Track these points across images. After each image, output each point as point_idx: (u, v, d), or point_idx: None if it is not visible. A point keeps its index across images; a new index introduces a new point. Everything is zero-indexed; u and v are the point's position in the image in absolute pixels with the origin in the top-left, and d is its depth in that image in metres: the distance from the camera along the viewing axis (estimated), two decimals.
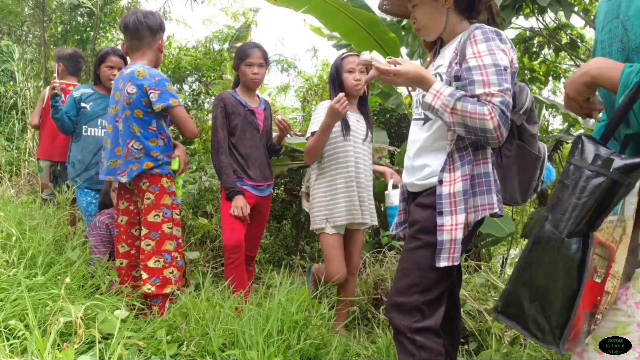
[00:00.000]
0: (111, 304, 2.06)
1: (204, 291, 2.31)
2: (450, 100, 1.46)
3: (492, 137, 1.47)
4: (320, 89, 6.77)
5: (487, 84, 1.47)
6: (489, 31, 1.55)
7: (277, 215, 5.03)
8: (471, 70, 1.51)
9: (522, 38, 5.67)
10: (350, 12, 3.90)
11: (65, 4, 6.60)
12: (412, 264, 1.60)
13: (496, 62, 1.49)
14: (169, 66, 6.72)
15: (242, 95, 2.90)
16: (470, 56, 1.53)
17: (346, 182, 2.62)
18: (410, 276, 1.58)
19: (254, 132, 2.88)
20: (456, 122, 1.48)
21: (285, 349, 1.93)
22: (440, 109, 1.48)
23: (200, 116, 6.02)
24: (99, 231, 3.00)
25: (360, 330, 2.71)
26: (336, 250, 2.62)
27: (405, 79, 1.54)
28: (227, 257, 2.74)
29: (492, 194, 1.56)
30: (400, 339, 1.57)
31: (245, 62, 2.84)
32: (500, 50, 1.52)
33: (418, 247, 1.60)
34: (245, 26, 6.88)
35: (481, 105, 1.45)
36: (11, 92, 6.22)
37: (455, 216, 1.53)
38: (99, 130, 3.24)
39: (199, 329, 1.98)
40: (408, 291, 1.57)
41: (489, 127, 1.44)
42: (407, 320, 1.54)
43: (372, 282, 3.08)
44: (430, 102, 1.50)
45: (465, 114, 1.45)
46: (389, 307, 1.62)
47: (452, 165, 1.57)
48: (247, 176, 2.83)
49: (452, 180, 1.55)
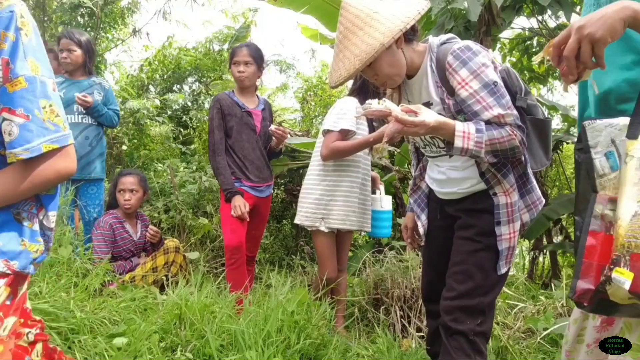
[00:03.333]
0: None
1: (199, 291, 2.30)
2: (482, 136, 1.45)
3: (519, 152, 1.51)
4: (320, 89, 6.77)
5: (489, 107, 1.46)
6: (459, 51, 1.48)
7: (277, 215, 5.03)
8: (466, 102, 1.49)
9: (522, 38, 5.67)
10: None
11: (65, 4, 6.60)
12: (474, 266, 1.59)
13: (485, 83, 1.46)
14: (169, 66, 6.73)
15: (239, 96, 2.89)
16: (458, 87, 1.49)
17: (350, 187, 2.61)
18: (474, 279, 1.58)
19: (250, 133, 2.86)
20: (487, 152, 1.48)
21: (284, 349, 1.92)
22: (476, 147, 1.45)
23: (200, 116, 6.02)
24: (103, 231, 2.99)
25: (360, 330, 2.71)
26: (329, 249, 2.63)
27: (427, 129, 1.41)
28: (229, 257, 2.74)
29: (536, 189, 1.64)
30: (459, 340, 1.57)
31: (232, 62, 2.84)
32: (480, 66, 1.47)
33: (480, 249, 1.60)
34: (244, 27, 6.88)
35: (502, 128, 1.46)
36: None
37: (513, 224, 1.58)
38: (75, 117, 3.18)
39: (194, 332, 1.96)
40: (472, 293, 1.57)
41: (516, 144, 1.48)
42: (471, 323, 1.56)
43: (372, 282, 3.08)
44: (462, 145, 1.44)
45: (494, 142, 1.46)
46: (451, 310, 1.59)
47: (496, 177, 1.58)
48: (245, 177, 2.83)
49: (505, 191, 1.58)
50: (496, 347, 2.30)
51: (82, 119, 3.20)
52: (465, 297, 1.58)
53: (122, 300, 2.28)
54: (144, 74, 6.77)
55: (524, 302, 2.70)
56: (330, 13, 3.98)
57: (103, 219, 3.04)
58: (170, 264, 3.06)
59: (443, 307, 1.63)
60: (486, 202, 1.60)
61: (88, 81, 3.28)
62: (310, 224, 2.64)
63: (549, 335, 2.25)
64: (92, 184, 3.31)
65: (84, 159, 3.19)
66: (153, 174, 4.93)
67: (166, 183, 4.57)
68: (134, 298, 2.36)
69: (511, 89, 1.56)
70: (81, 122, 3.20)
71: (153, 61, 6.77)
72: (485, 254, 1.59)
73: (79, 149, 3.16)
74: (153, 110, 5.57)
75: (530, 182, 1.63)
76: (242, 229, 2.76)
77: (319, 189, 2.64)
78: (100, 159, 3.34)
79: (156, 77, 6.76)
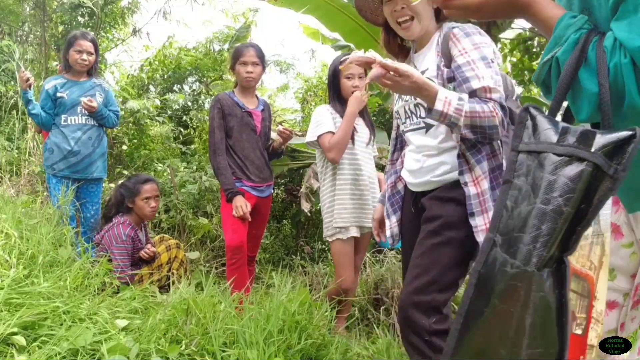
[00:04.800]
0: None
1: (207, 288, 2.31)
2: (462, 104, 1.44)
3: (496, 133, 1.48)
4: (320, 89, 6.77)
5: (481, 77, 1.47)
6: (467, 27, 1.56)
7: (277, 215, 5.03)
8: (461, 68, 1.51)
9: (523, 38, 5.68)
10: (351, 12, 3.91)
11: (65, 3, 6.61)
12: (432, 261, 1.53)
13: (483, 55, 1.50)
14: (170, 66, 6.73)
15: (240, 96, 2.89)
16: (457, 54, 1.53)
17: (352, 186, 2.60)
18: (430, 274, 1.51)
19: (250, 133, 2.87)
20: (466, 125, 1.46)
21: (285, 348, 1.93)
22: (455, 114, 1.43)
23: (200, 116, 6.02)
24: (125, 245, 2.90)
25: (360, 331, 2.71)
26: (346, 256, 2.58)
27: (410, 82, 1.41)
28: (230, 257, 2.74)
29: None
30: (414, 341, 1.51)
31: (239, 62, 2.83)
32: (483, 43, 1.53)
33: (440, 243, 1.54)
34: (245, 26, 6.88)
35: (485, 103, 1.45)
36: (12, 92, 6.22)
37: (487, 214, 1.52)
38: (79, 118, 3.20)
39: (199, 328, 1.97)
40: (426, 289, 1.50)
41: (496, 122, 1.45)
42: (424, 320, 1.48)
43: (372, 282, 3.08)
44: (442, 109, 1.43)
45: (474, 114, 1.44)
46: (405, 306, 1.53)
47: (468, 164, 1.56)
48: (246, 177, 2.83)
49: (474, 179, 1.54)
50: None
51: (85, 120, 3.23)
52: (419, 293, 1.50)
53: (122, 300, 2.28)
54: (144, 74, 6.78)
55: None
56: (331, 13, 3.98)
57: (122, 231, 2.92)
58: (172, 260, 3.08)
59: (399, 304, 1.57)
60: (455, 192, 1.56)
61: (90, 82, 3.29)
62: (327, 233, 2.63)
63: None
64: (93, 183, 3.32)
65: (87, 159, 3.22)
66: (153, 174, 4.94)
67: (166, 183, 4.57)
68: (134, 297, 2.36)
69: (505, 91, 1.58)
70: (85, 123, 3.22)
71: (153, 61, 6.78)
72: (446, 249, 1.53)
73: (83, 149, 3.19)
74: (153, 110, 5.58)
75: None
76: (244, 229, 2.76)
77: (328, 197, 2.64)
78: (102, 158, 3.35)
79: (156, 77, 6.77)
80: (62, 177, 3.18)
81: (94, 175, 3.29)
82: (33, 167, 5.39)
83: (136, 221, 3.10)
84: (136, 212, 3.09)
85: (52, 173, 3.19)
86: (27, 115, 5.99)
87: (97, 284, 2.37)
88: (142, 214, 3.09)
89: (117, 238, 2.91)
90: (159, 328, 1.93)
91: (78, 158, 3.18)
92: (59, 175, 3.18)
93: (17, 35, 7.65)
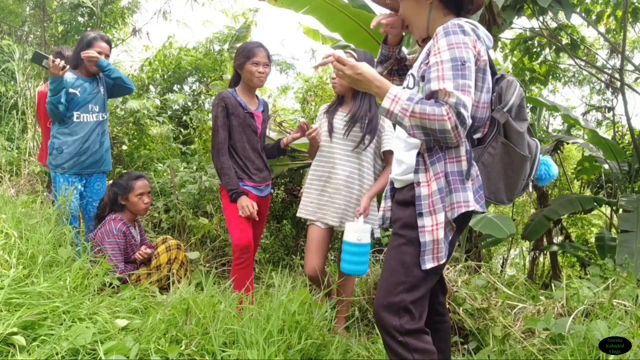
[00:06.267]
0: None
1: (207, 288, 2.31)
2: (409, 104, 1.43)
3: (450, 137, 1.43)
4: (320, 89, 6.76)
5: (442, 78, 1.43)
6: (450, 25, 1.50)
7: (277, 215, 5.04)
8: (430, 68, 1.49)
9: (523, 38, 5.68)
10: (351, 12, 3.91)
11: (65, 3, 6.61)
12: (396, 262, 1.56)
13: (453, 57, 1.44)
14: (170, 66, 6.73)
15: (242, 96, 2.88)
16: (432, 53, 1.50)
17: (320, 181, 2.72)
18: (396, 275, 1.54)
19: (251, 134, 2.87)
20: (415, 125, 1.45)
21: (285, 349, 1.93)
22: (400, 113, 1.45)
23: (200, 116, 6.02)
24: (117, 240, 2.93)
25: (360, 331, 2.71)
26: (314, 245, 2.68)
27: (355, 73, 1.51)
28: (238, 257, 2.71)
29: (467, 192, 1.49)
30: (389, 343, 1.52)
31: (251, 62, 2.80)
32: (460, 44, 1.46)
33: (402, 244, 1.57)
34: (245, 26, 6.88)
35: (439, 107, 1.41)
36: (11, 92, 6.21)
37: (435, 216, 1.51)
38: (90, 116, 3.20)
39: (199, 328, 1.97)
40: (394, 290, 1.52)
41: (447, 127, 1.40)
42: (395, 321, 1.50)
43: (372, 282, 3.08)
44: (389, 107, 1.47)
45: (424, 116, 1.42)
46: (376, 308, 1.56)
47: (425, 165, 1.56)
48: (247, 177, 2.83)
49: (427, 180, 1.54)
50: (497, 347, 2.30)
51: (95, 117, 3.23)
52: (387, 295, 1.53)
53: (122, 299, 2.28)
54: (144, 74, 6.77)
55: (524, 302, 2.70)
56: (331, 13, 3.98)
57: (113, 226, 2.95)
58: (172, 261, 3.07)
59: (373, 307, 1.59)
60: (410, 194, 1.58)
61: (96, 79, 3.33)
62: (299, 215, 2.81)
63: (549, 335, 2.25)
64: (99, 179, 3.33)
65: (96, 154, 3.23)
66: (153, 174, 4.93)
67: (166, 183, 4.57)
68: (134, 297, 2.36)
69: (500, 99, 1.56)
70: (95, 119, 3.23)
71: (153, 61, 6.77)
72: (408, 249, 1.54)
73: (92, 145, 3.20)
74: (153, 110, 5.57)
75: (461, 182, 1.50)
76: (250, 228, 2.77)
77: (306, 184, 2.84)
78: (108, 152, 3.38)
79: (156, 77, 6.76)
80: (70, 175, 3.18)
81: (102, 169, 3.32)
82: (33, 167, 5.39)
83: (129, 218, 3.11)
84: (129, 209, 3.11)
85: (60, 173, 3.17)
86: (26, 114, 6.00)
87: (97, 284, 2.37)
88: (136, 210, 3.11)
89: (108, 234, 2.94)
90: (158, 328, 1.94)
91: (88, 154, 3.18)
92: (67, 174, 3.18)
93: (17, 35, 7.66)
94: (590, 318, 2.28)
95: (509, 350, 2.25)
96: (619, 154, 5.49)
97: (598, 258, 4.96)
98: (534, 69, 6.03)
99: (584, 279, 3.01)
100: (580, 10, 5.26)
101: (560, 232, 6.55)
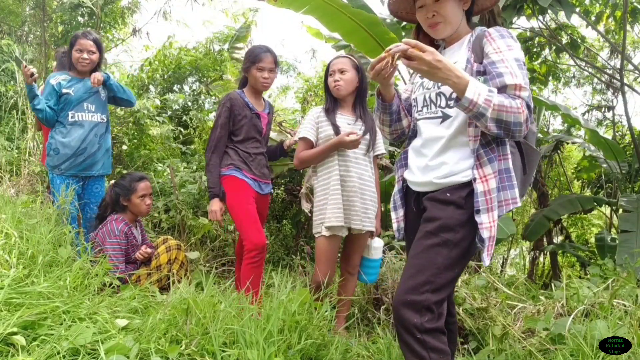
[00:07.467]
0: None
1: (207, 288, 2.31)
2: (492, 96, 1.46)
3: (521, 131, 1.49)
4: (320, 89, 6.77)
5: (514, 75, 1.50)
6: (501, 29, 1.61)
7: (277, 215, 5.04)
8: (495, 64, 1.54)
9: (523, 38, 5.68)
10: (351, 12, 3.91)
11: (65, 3, 6.61)
12: (427, 261, 1.54)
13: (517, 57, 1.54)
14: (170, 66, 6.73)
15: (250, 98, 2.92)
16: (492, 52, 1.57)
17: (336, 185, 2.62)
18: (423, 274, 1.53)
19: (257, 135, 2.92)
20: (494, 118, 1.47)
21: (285, 348, 1.93)
22: (484, 104, 1.45)
23: (200, 116, 6.02)
24: (119, 240, 2.94)
25: (361, 331, 2.71)
26: (325, 253, 2.62)
27: (435, 59, 1.43)
28: (253, 256, 2.70)
29: (514, 189, 1.59)
30: (407, 340, 1.51)
31: (257, 67, 2.83)
32: (516, 46, 1.57)
33: (436, 244, 1.55)
34: (245, 26, 6.89)
35: (514, 99, 1.48)
36: (11, 92, 6.22)
37: (492, 213, 1.54)
38: (86, 115, 3.18)
39: (199, 328, 1.97)
40: (420, 289, 1.51)
41: (521, 120, 1.47)
42: (417, 319, 1.49)
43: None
44: (472, 97, 1.45)
45: (502, 108, 1.46)
46: (398, 305, 1.53)
47: (479, 161, 1.58)
48: (247, 168, 2.86)
49: (483, 176, 1.56)
50: (496, 347, 2.30)
51: (92, 117, 3.22)
52: (412, 293, 1.51)
53: (122, 299, 2.28)
54: (144, 74, 6.77)
55: (524, 302, 2.70)
56: (331, 13, 3.98)
57: (115, 227, 2.95)
58: (172, 261, 3.07)
59: (392, 303, 1.59)
60: (456, 195, 1.58)
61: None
62: (315, 230, 2.68)
63: (549, 335, 2.25)
64: (97, 182, 3.32)
65: (93, 156, 3.21)
66: (153, 174, 4.93)
67: (166, 183, 4.57)
68: (134, 297, 2.36)
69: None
70: (91, 120, 3.21)
71: (153, 61, 6.78)
72: (442, 250, 1.54)
73: (89, 147, 3.18)
74: (153, 110, 5.58)
75: (509, 180, 1.59)
76: (262, 226, 2.80)
77: (317, 194, 2.71)
78: (107, 154, 3.35)
79: (156, 77, 6.76)
80: (68, 176, 3.16)
81: (99, 172, 3.29)
82: (33, 167, 5.39)
83: (131, 219, 3.11)
84: (131, 210, 3.11)
85: (57, 174, 3.16)
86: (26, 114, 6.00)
87: (97, 284, 2.37)
88: (138, 211, 3.11)
89: (110, 234, 2.94)
90: (159, 328, 1.93)
91: (85, 156, 3.16)
92: (64, 175, 3.16)
93: (17, 35, 7.66)
94: (590, 318, 2.28)
95: (508, 350, 2.25)
96: (619, 154, 5.49)
97: (598, 258, 4.96)
98: (534, 69, 6.03)
99: (584, 279, 3.01)
100: (579, 11, 5.26)
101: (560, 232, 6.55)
